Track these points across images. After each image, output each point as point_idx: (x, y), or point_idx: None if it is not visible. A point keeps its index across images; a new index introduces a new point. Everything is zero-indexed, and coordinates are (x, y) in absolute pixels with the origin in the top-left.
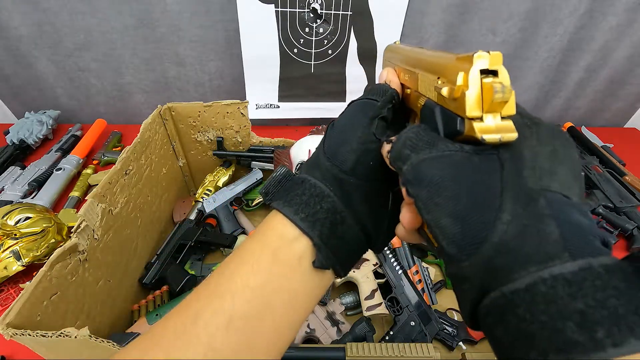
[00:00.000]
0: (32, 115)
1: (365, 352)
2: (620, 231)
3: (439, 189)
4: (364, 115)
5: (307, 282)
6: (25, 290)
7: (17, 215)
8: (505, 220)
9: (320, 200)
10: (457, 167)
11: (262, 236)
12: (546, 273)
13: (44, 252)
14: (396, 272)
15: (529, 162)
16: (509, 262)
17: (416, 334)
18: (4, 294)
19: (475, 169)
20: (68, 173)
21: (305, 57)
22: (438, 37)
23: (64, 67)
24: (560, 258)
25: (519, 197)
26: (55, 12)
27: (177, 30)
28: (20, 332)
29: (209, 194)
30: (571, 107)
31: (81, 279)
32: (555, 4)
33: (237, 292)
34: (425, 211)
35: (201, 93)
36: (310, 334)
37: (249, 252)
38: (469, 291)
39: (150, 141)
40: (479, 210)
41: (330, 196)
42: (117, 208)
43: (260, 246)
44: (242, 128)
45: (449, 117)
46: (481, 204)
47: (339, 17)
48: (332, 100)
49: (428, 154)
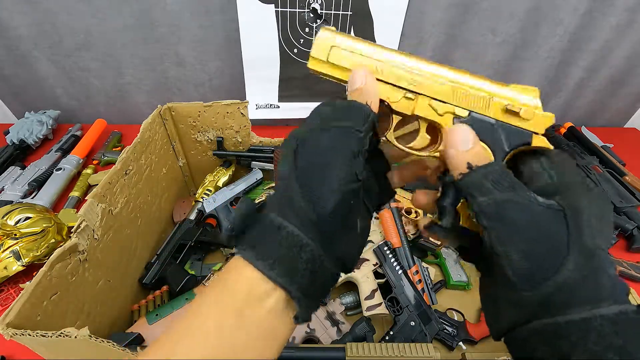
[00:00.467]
0: (32, 115)
1: (365, 352)
2: (620, 231)
3: (519, 231)
4: (345, 149)
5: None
6: (25, 290)
7: (17, 215)
8: (570, 267)
9: (300, 251)
10: (534, 215)
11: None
12: (598, 312)
13: (44, 252)
14: (396, 272)
15: (584, 219)
16: (567, 300)
17: (416, 334)
18: (4, 294)
19: (549, 220)
20: (68, 173)
21: (305, 57)
22: (438, 37)
23: (64, 67)
24: (608, 302)
25: (580, 250)
26: (55, 12)
27: (177, 30)
28: (20, 332)
29: (209, 194)
30: (571, 107)
31: (81, 279)
32: (555, 4)
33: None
34: (497, 243)
35: (201, 93)
36: (310, 334)
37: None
38: (514, 313)
39: (150, 141)
40: (549, 254)
41: (309, 244)
42: (117, 208)
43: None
44: (242, 128)
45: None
46: (550, 250)
47: (339, 17)
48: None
49: (513, 197)
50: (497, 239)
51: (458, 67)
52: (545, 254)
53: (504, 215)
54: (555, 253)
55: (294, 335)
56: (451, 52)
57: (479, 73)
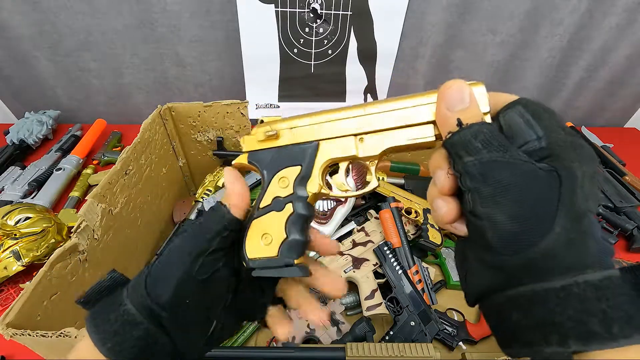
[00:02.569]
0: (32, 115)
1: (365, 352)
2: (620, 231)
3: (505, 191)
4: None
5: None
6: (25, 290)
7: (17, 215)
8: (556, 231)
9: (132, 329)
10: (524, 176)
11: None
12: (581, 278)
13: (44, 252)
14: (396, 272)
15: (579, 182)
16: (550, 266)
17: (416, 334)
18: (4, 294)
19: (539, 181)
20: (68, 173)
21: (305, 57)
22: (438, 37)
23: (64, 67)
24: (593, 269)
25: (569, 213)
26: (55, 12)
27: (177, 30)
28: (20, 332)
29: (209, 194)
30: (571, 107)
31: (81, 279)
32: (555, 4)
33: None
34: (480, 204)
35: (201, 93)
36: (310, 334)
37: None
38: (491, 279)
39: (150, 141)
40: (536, 218)
41: (143, 323)
42: (117, 208)
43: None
44: (242, 128)
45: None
46: (539, 214)
47: (339, 17)
48: (332, 100)
49: (502, 156)
50: (481, 201)
51: (458, 67)
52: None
53: (490, 175)
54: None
55: (294, 335)
56: (451, 52)
57: (479, 73)
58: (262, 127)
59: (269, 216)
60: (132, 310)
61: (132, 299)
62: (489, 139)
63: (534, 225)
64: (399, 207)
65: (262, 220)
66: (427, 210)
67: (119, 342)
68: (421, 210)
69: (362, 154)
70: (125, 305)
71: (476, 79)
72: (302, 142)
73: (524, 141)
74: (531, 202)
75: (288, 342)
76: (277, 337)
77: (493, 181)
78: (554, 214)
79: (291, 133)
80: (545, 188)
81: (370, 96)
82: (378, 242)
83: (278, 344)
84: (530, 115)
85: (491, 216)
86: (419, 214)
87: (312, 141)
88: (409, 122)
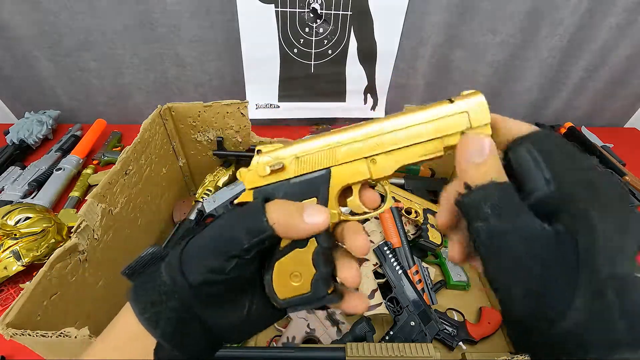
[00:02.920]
0: (32, 115)
1: (365, 352)
2: None
3: (516, 264)
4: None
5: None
6: (25, 290)
7: (17, 215)
8: (577, 307)
9: (167, 299)
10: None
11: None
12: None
13: (44, 252)
14: (396, 272)
15: (599, 237)
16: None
17: (416, 334)
18: (4, 294)
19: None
20: (68, 173)
21: (305, 57)
22: (438, 37)
23: (64, 67)
24: (622, 348)
25: (590, 284)
26: (55, 12)
27: (177, 30)
28: (20, 332)
29: (209, 194)
30: (571, 107)
31: (81, 279)
32: (555, 4)
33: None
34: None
35: (201, 93)
36: (310, 334)
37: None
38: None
39: (150, 141)
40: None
41: (177, 292)
42: (117, 208)
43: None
44: (242, 128)
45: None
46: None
47: (339, 17)
48: (332, 100)
49: (511, 225)
50: (494, 271)
51: (458, 67)
52: (549, 294)
53: (498, 246)
54: (561, 291)
55: (294, 335)
56: (451, 52)
57: (479, 73)
58: (263, 160)
59: (293, 255)
60: (168, 281)
61: (168, 270)
62: (499, 204)
63: (550, 302)
64: (399, 207)
65: (286, 260)
66: (427, 210)
67: (156, 313)
68: (421, 210)
69: (376, 176)
70: (162, 277)
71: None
72: (312, 171)
73: (534, 185)
74: (546, 275)
75: (288, 342)
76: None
77: (502, 252)
78: (574, 285)
79: (298, 162)
80: (560, 257)
81: (370, 96)
82: (378, 242)
83: (278, 344)
84: (539, 154)
85: (507, 289)
86: (419, 214)
87: (323, 169)
88: (420, 139)
